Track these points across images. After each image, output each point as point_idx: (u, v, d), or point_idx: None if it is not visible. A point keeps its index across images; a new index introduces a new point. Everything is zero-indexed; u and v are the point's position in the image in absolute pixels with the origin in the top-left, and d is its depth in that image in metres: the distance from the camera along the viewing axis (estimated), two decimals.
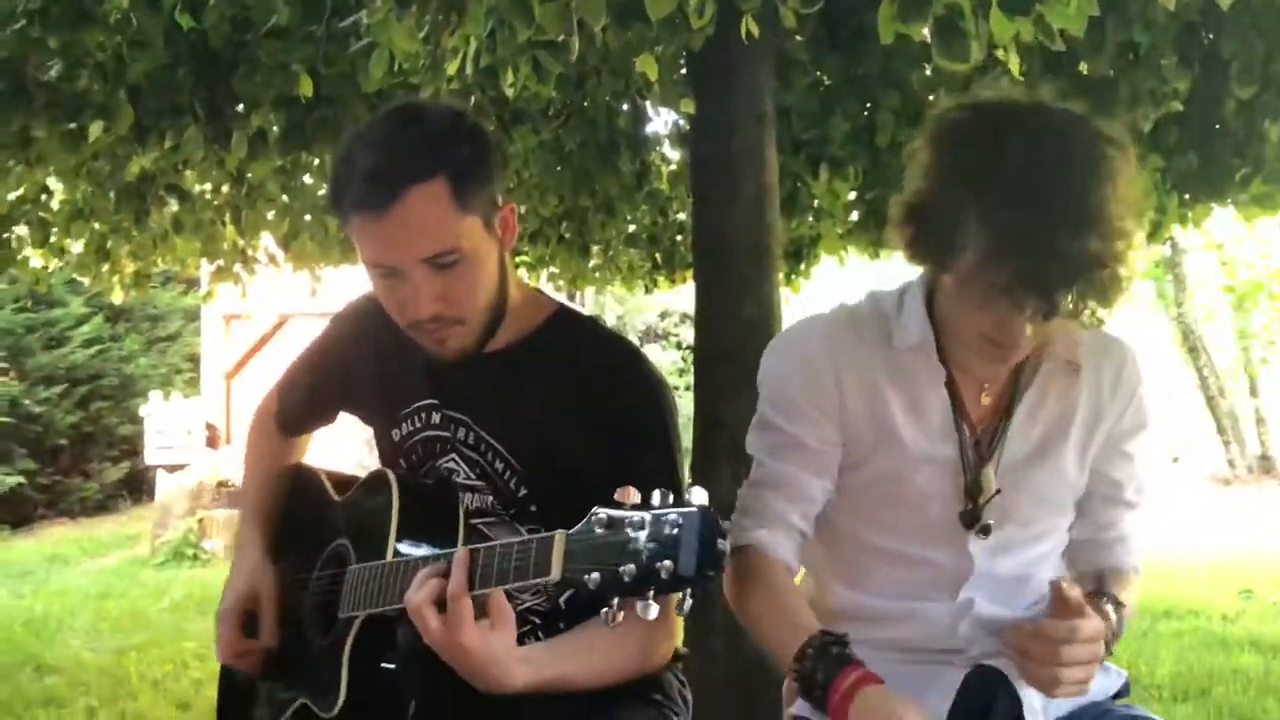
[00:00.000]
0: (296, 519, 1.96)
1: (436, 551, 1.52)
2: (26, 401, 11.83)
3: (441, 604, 1.39)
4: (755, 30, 3.10)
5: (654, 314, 18.28)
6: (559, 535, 1.27)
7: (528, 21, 2.36)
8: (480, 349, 1.66)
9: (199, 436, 10.74)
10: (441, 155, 1.52)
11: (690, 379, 4.44)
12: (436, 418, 1.77)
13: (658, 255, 6.92)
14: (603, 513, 1.23)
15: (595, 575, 1.20)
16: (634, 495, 1.22)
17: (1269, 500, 13.00)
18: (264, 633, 1.80)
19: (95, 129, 3.25)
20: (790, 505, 1.66)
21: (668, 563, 1.16)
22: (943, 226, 1.47)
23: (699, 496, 1.20)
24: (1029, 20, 2.30)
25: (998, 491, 1.63)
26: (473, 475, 1.73)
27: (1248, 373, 14.95)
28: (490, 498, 1.72)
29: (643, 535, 1.18)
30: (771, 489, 1.67)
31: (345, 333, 1.92)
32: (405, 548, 1.58)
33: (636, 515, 1.20)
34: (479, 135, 1.61)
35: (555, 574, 1.25)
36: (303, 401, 2.00)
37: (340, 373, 1.91)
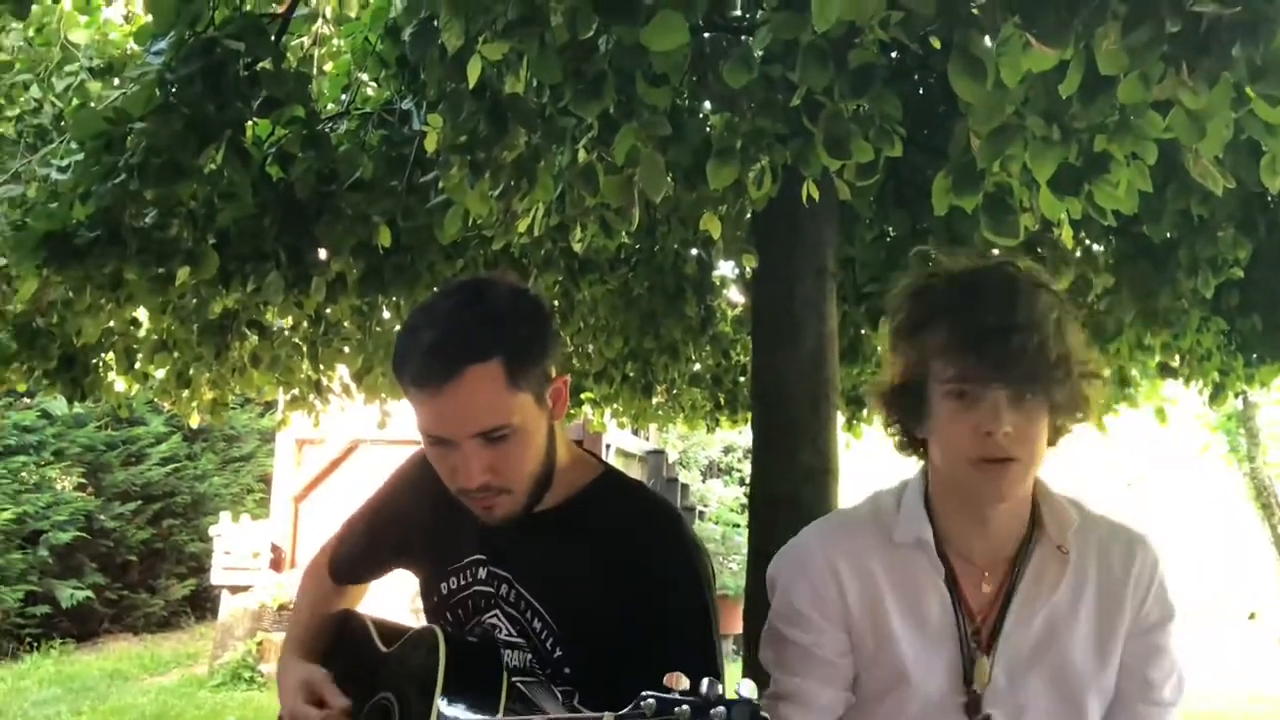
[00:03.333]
0: (342, 665, 1.97)
1: (479, 718, 1.55)
2: (101, 516, 12.09)
3: None
4: (816, 194, 3.22)
5: (717, 449, 18.25)
6: (607, 717, 1.28)
7: (593, 190, 2.49)
8: (527, 513, 1.70)
9: (264, 558, 10.84)
10: (499, 335, 1.58)
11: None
12: (483, 573, 1.81)
13: (720, 396, 6.99)
14: (652, 698, 1.23)
15: None
16: (683, 681, 1.23)
17: None
18: (331, 698, 1.82)
19: (182, 273, 3.43)
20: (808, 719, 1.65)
21: None
22: (914, 380, 1.58)
23: (747, 689, 1.21)
24: (1078, 200, 2.36)
25: (992, 675, 1.62)
26: (513, 632, 1.76)
27: None
28: (529, 656, 1.74)
29: None
30: (787, 703, 1.66)
31: (404, 487, 1.97)
32: (448, 708, 1.60)
33: (685, 704, 1.21)
34: (537, 313, 1.69)
35: None
36: (360, 552, 2.04)
37: (397, 525, 1.96)
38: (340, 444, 11.04)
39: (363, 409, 6.27)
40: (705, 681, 1.22)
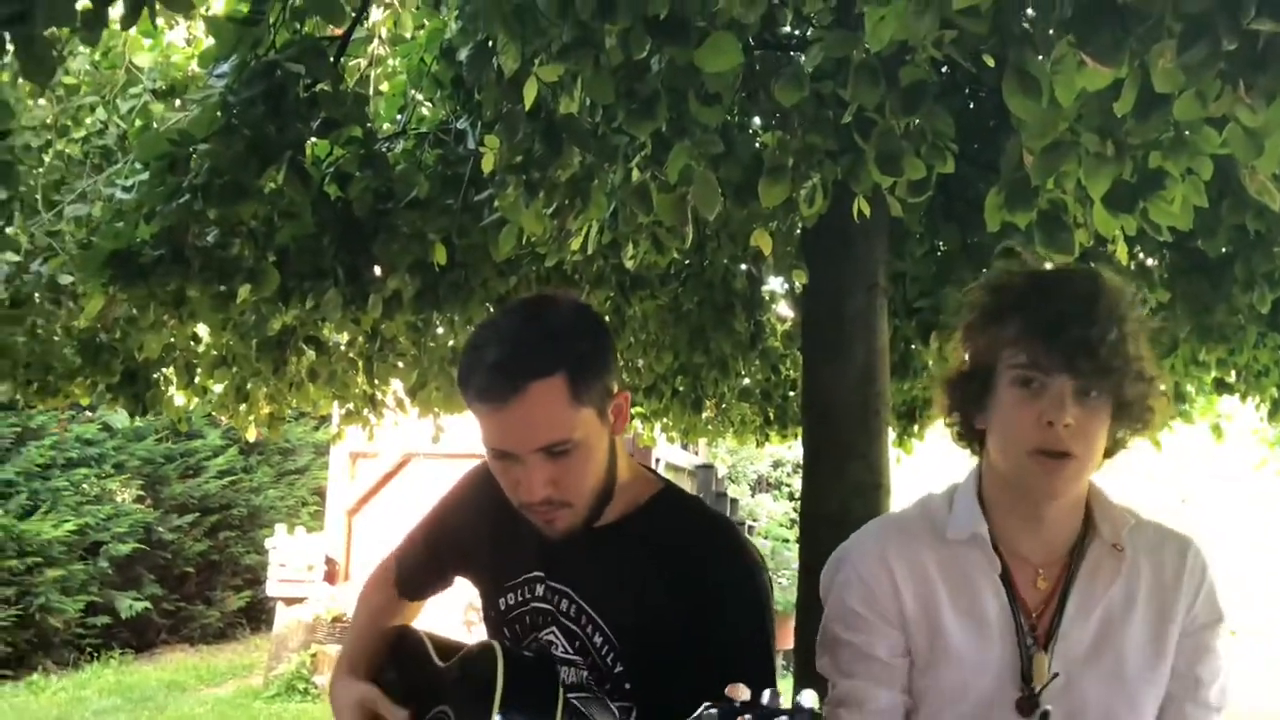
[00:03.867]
0: (398, 679, 2.00)
1: None
2: (160, 529, 12.30)
3: None
4: (867, 210, 3.22)
5: (766, 463, 18.20)
6: None
7: (646, 209, 2.52)
8: (587, 527, 1.73)
9: (319, 570, 10.95)
10: (562, 351, 1.61)
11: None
12: (541, 589, 1.82)
13: (770, 411, 6.99)
14: (714, 709, 1.24)
15: None
16: (743, 693, 1.24)
17: None
18: (389, 714, 1.85)
19: (243, 291, 3.50)
20: None
21: None
22: (982, 367, 1.62)
23: (808, 699, 1.22)
24: (1132, 217, 2.35)
25: (1055, 675, 1.62)
26: (570, 649, 1.77)
27: None
28: (586, 673, 1.75)
29: None
30: (844, 707, 1.65)
31: (464, 501, 2.00)
32: None
33: (747, 715, 1.22)
34: (598, 329, 1.73)
35: None
36: (422, 565, 2.06)
37: (457, 538, 1.99)
38: (394, 458, 11.12)
39: (416, 423, 6.35)
40: (766, 693, 1.23)
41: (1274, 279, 3.95)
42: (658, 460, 12.30)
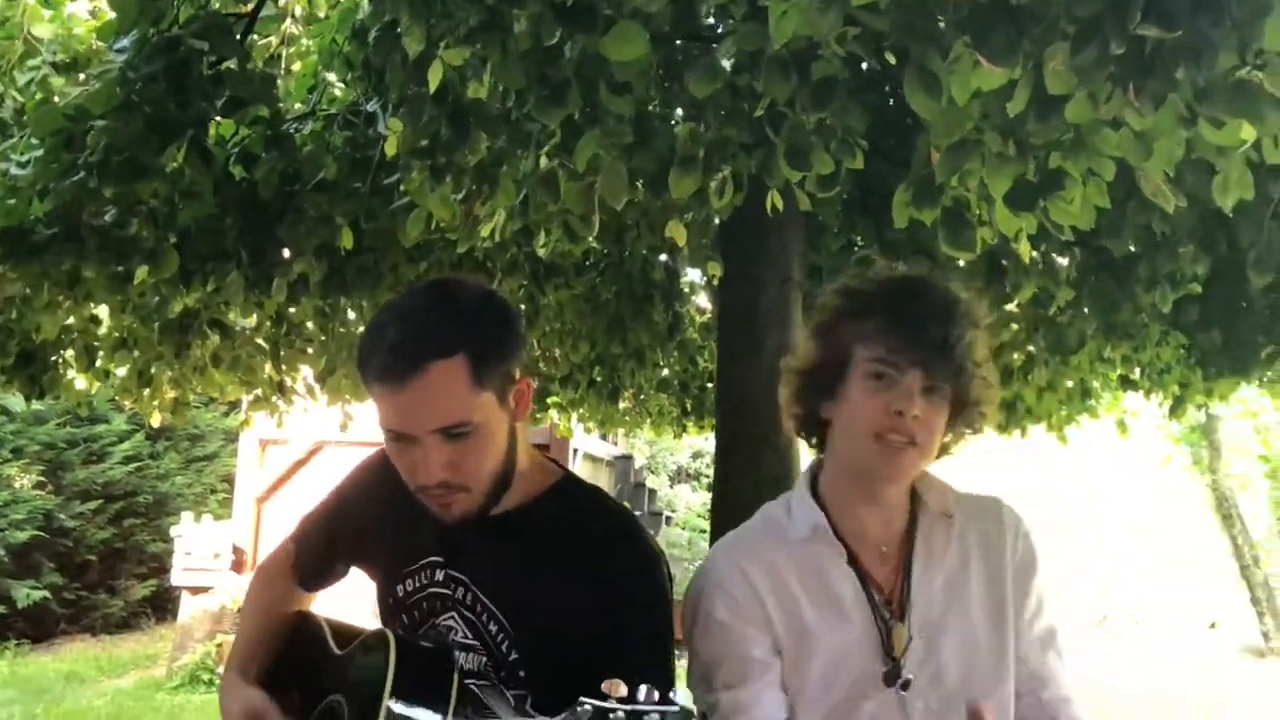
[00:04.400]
0: (295, 669, 1.96)
1: (426, 713, 1.55)
2: (61, 515, 11.96)
3: None
4: (780, 204, 3.22)
5: (686, 454, 18.28)
6: None
7: (554, 197, 2.49)
8: (484, 514, 1.71)
9: (226, 559, 10.75)
10: (465, 333, 1.60)
11: None
12: (440, 575, 1.81)
13: (687, 402, 7.00)
14: (588, 704, 1.24)
15: None
16: (621, 689, 1.24)
17: None
18: None
19: (141, 272, 3.40)
20: None
21: None
22: (835, 360, 1.71)
23: (682, 698, 1.23)
24: (1033, 215, 2.38)
25: (911, 639, 1.69)
26: (469, 635, 1.76)
27: None
28: (484, 659, 1.74)
29: None
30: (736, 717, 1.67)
31: (361, 487, 1.97)
32: (397, 709, 1.60)
33: (620, 711, 1.21)
34: (504, 314, 1.71)
35: None
36: (318, 555, 2.03)
37: (354, 525, 1.96)
38: (305, 445, 10.96)
39: (327, 410, 6.25)
40: (643, 689, 1.23)
41: (1176, 279, 4.05)
42: (575, 451, 12.28)
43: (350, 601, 2.18)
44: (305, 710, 1.85)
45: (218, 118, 3.36)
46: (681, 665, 1.75)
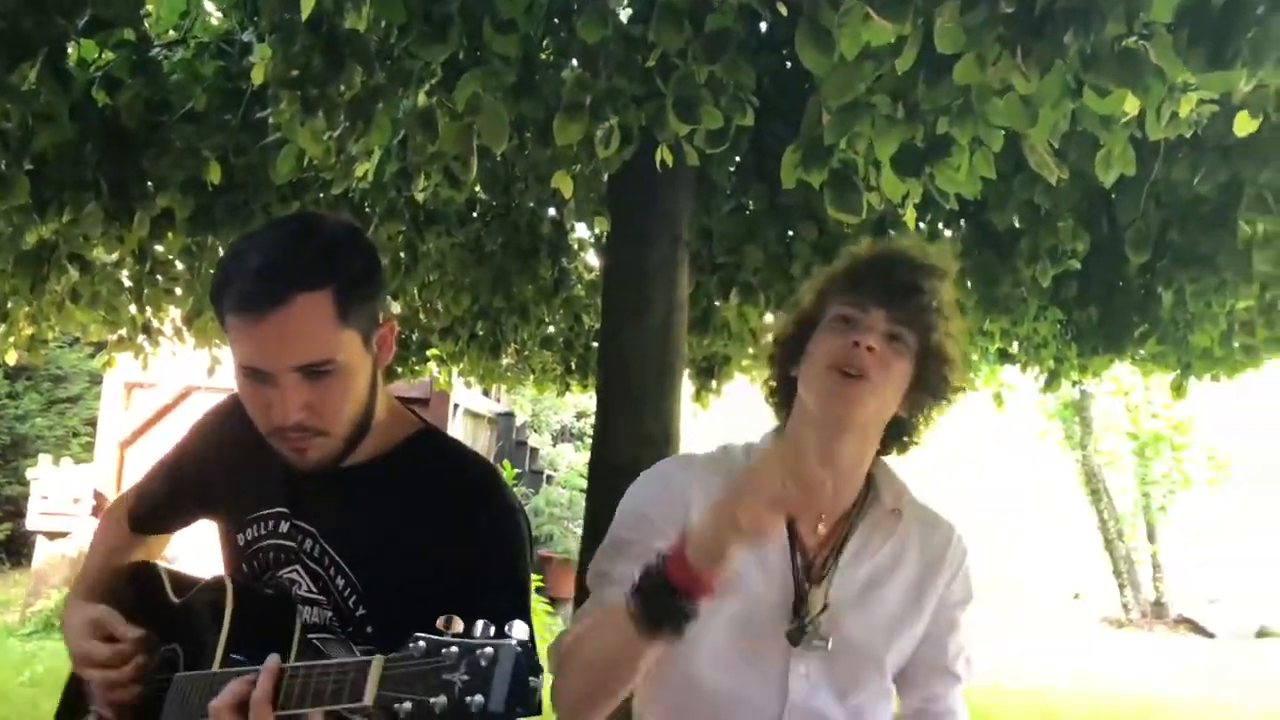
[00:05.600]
0: (134, 617, 1.87)
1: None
2: None
3: (245, 712, 1.35)
4: (669, 160, 3.16)
5: (570, 413, 18.24)
6: (376, 660, 1.24)
7: (432, 138, 2.38)
8: (339, 462, 1.63)
9: (86, 504, 10.36)
10: (331, 267, 1.52)
11: None
12: (285, 526, 1.73)
13: (572, 360, 6.93)
14: (422, 640, 1.20)
15: (408, 704, 1.17)
16: (458, 625, 1.20)
17: (1159, 646, 13.19)
18: (122, 631, 1.75)
19: None
20: None
21: (479, 697, 1.14)
22: (807, 321, 1.72)
23: (519, 630, 1.19)
24: (919, 181, 2.36)
25: (825, 608, 1.68)
26: (314, 589, 1.69)
27: (1146, 519, 15.27)
28: (330, 613, 1.68)
29: (459, 667, 1.16)
30: (609, 585, 1.64)
31: (207, 433, 1.88)
32: (236, 658, 1.53)
33: (454, 646, 1.18)
34: (370, 253, 1.63)
35: (369, 700, 1.22)
36: (160, 500, 1.95)
37: (198, 473, 1.87)
38: (173, 390, 10.60)
39: (195, 354, 6.03)
40: (479, 623, 1.19)
41: (1057, 254, 4.11)
42: (456, 406, 12.12)
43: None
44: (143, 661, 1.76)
45: (78, 39, 3.16)
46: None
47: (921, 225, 4.08)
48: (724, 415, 6.62)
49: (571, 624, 1.71)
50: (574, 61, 3.56)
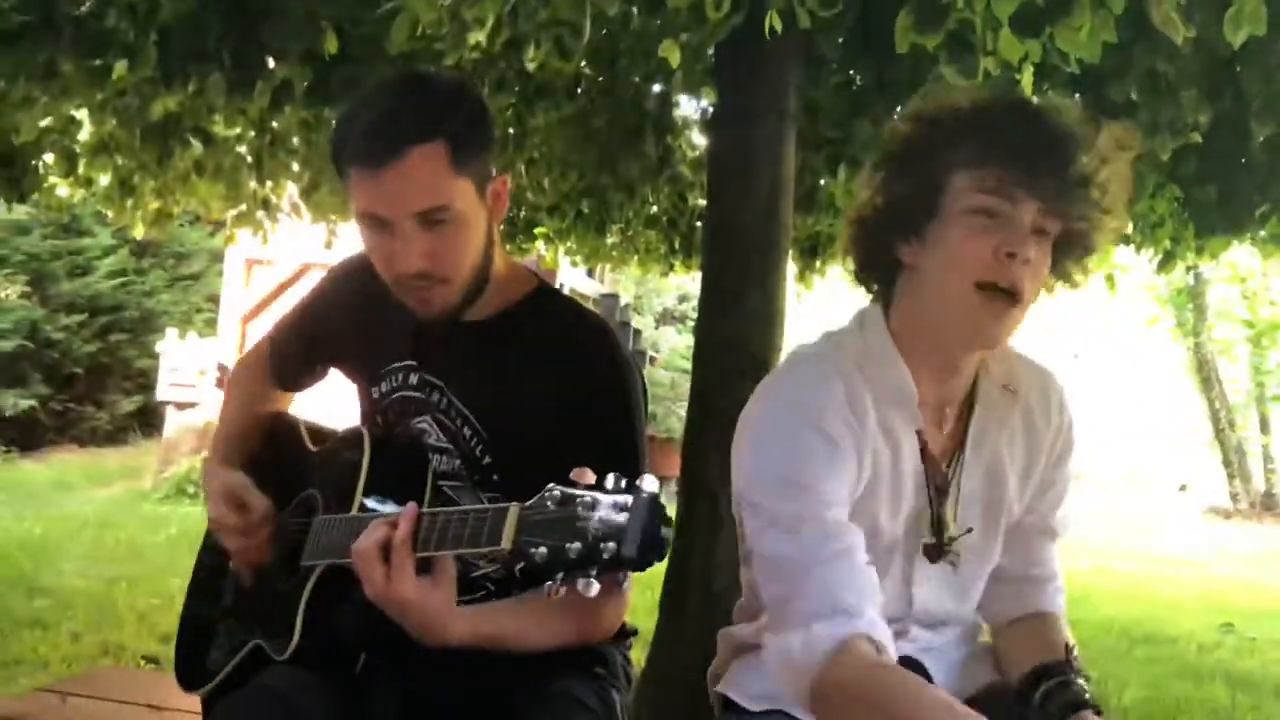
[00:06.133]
0: (271, 464, 1.99)
1: (398, 509, 1.57)
2: (47, 327, 11.96)
3: (387, 554, 1.44)
4: (779, 26, 3.12)
5: (672, 296, 18.26)
6: (513, 508, 1.31)
7: (544, 3, 2.40)
8: (462, 312, 1.70)
9: (211, 376, 10.77)
10: (442, 119, 1.58)
11: None
12: (414, 379, 1.81)
13: (676, 240, 6.94)
14: (557, 490, 1.27)
15: (543, 549, 1.23)
16: (589, 476, 1.27)
17: (1267, 538, 12.97)
18: (253, 501, 1.83)
19: (120, 68, 3.29)
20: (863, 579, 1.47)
21: (612, 545, 1.20)
22: (923, 193, 1.48)
23: (649, 484, 1.24)
24: (1039, 42, 2.31)
25: (969, 530, 1.62)
26: (444, 438, 1.77)
27: (1259, 410, 14.88)
28: (458, 462, 1.76)
29: (593, 516, 1.22)
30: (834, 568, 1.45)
31: (335, 290, 1.97)
32: (372, 503, 1.62)
33: (588, 496, 1.24)
34: (479, 105, 1.68)
35: (505, 545, 1.29)
36: (294, 355, 2.03)
37: (329, 328, 1.96)
38: (290, 266, 10.90)
39: (313, 231, 6.19)
40: (610, 476, 1.25)
41: (1177, 127, 3.95)
42: (561, 286, 12.23)
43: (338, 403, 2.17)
44: (281, 504, 1.88)
45: None
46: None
47: (1038, 96, 3.97)
48: (827, 296, 6.62)
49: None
50: None
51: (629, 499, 1.23)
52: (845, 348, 1.60)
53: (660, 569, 3.83)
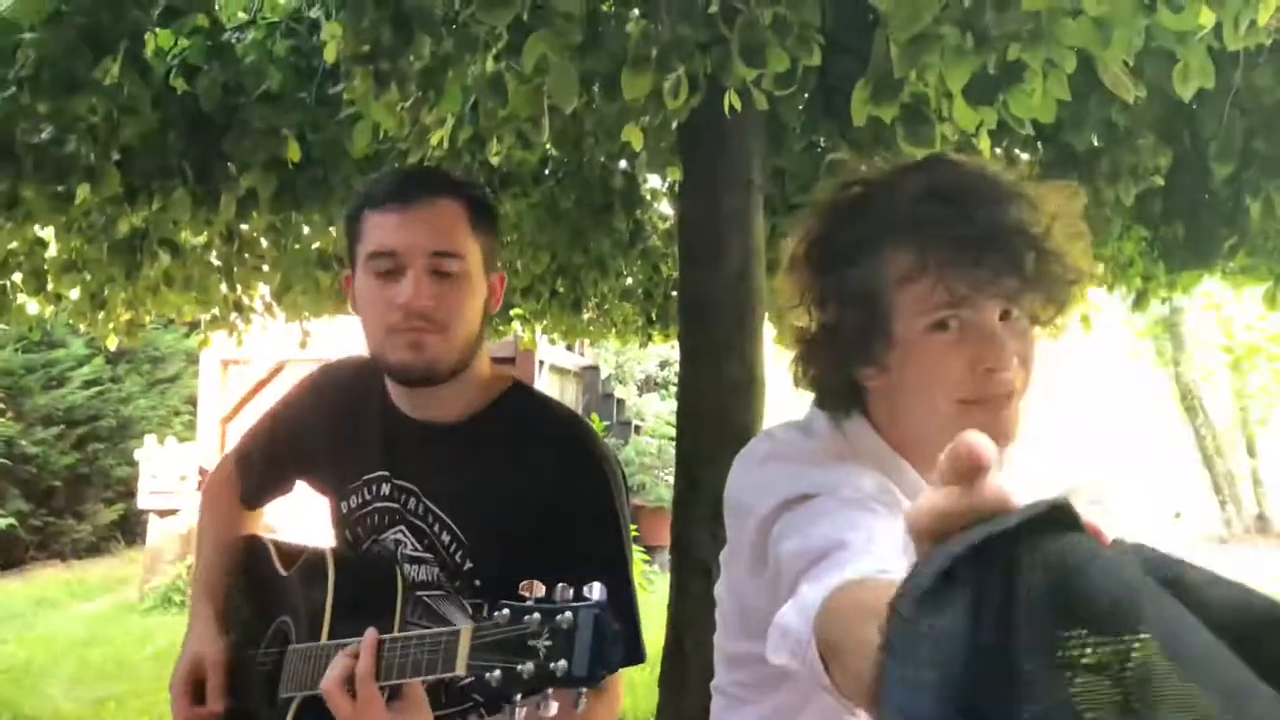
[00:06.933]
0: (246, 592, 1.96)
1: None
2: (23, 442, 11.84)
3: (354, 688, 1.41)
4: (738, 105, 3.15)
5: (654, 363, 18.28)
6: (464, 631, 1.29)
7: (502, 102, 2.42)
8: (445, 378, 1.68)
9: (192, 481, 10.68)
10: (464, 186, 1.72)
11: None
12: (386, 489, 1.79)
13: (652, 311, 6.97)
14: (505, 609, 1.25)
15: (496, 672, 1.21)
16: (538, 589, 1.25)
17: (1264, 560, 12.95)
18: (210, 698, 1.80)
19: (82, 191, 3.29)
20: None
21: (563, 662, 1.18)
22: (863, 310, 1.25)
23: (597, 592, 1.22)
24: (993, 110, 2.33)
25: None
26: (420, 547, 1.74)
27: (1245, 433, 14.95)
28: (438, 570, 1.73)
29: (543, 632, 1.20)
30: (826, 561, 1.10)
31: (303, 402, 1.95)
32: (343, 627, 1.59)
33: (535, 612, 1.22)
34: (485, 191, 1.90)
35: (460, 669, 1.27)
36: (260, 472, 2.01)
37: (297, 440, 1.93)
38: (266, 365, 10.87)
39: (286, 329, 6.18)
40: (558, 587, 1.23)
41: (1138, 172, 4.01)
42: (541, 363, 12.24)
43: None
44: (259, 633, 1.85)
45: (154, 29, 3.24)
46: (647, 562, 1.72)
47: (998, 151, 4.02)
48: None
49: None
50: (635, 12, 3.58)
51: (572, 615, 1.20)
52: (826, 442, 1.35)
53: (658, 643, 3.79)
